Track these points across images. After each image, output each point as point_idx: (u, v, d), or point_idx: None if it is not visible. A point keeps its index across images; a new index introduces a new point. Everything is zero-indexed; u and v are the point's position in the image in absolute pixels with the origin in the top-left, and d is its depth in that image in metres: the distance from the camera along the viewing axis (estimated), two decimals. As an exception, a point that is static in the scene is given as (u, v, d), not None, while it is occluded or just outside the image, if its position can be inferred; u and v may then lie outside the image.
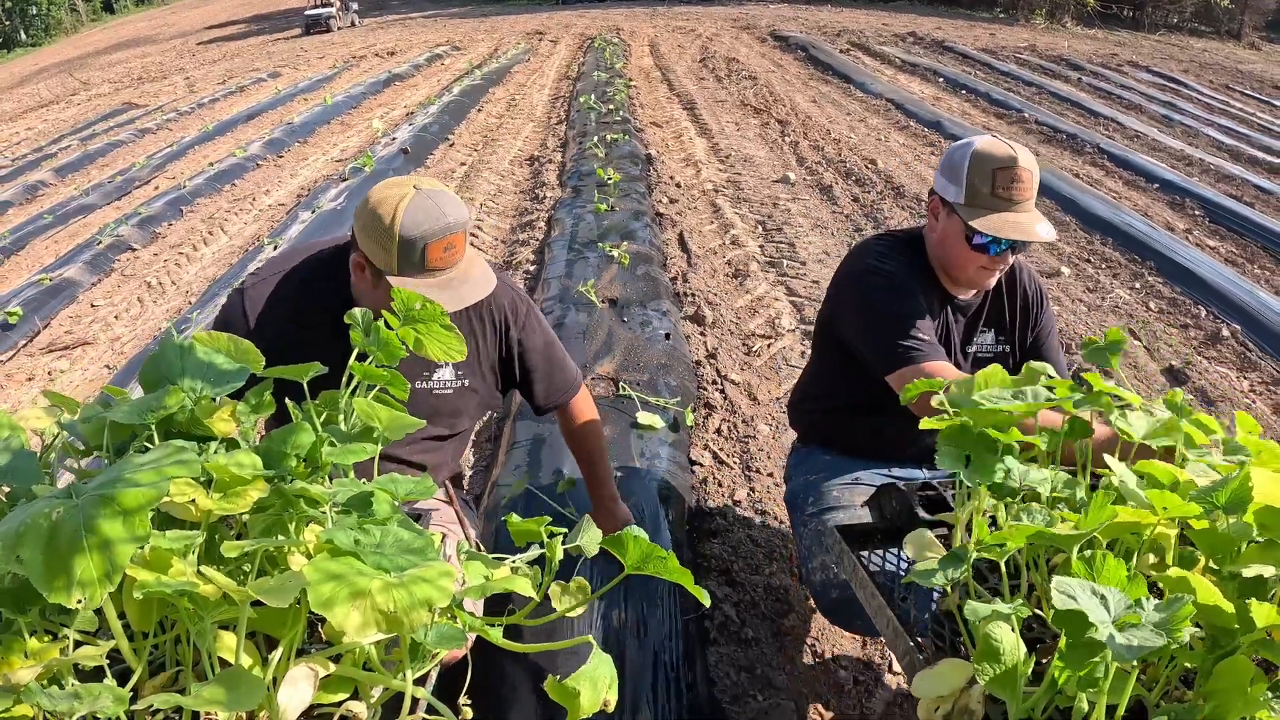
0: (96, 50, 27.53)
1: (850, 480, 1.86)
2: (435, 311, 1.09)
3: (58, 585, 0.68)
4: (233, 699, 0.72)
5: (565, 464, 2.42)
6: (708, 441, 2.90)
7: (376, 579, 0.73)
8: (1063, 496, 1.04)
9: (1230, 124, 9.56)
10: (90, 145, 10.62)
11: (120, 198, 7.98)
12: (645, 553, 0.86)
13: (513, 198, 6.57)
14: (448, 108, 9.83)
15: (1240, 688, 0.77)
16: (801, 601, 2.24)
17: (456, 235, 1.42)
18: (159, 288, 5.41)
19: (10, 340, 4.87)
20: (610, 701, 0.80)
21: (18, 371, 4.60)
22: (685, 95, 10.50)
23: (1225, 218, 6.17)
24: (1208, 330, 4.39)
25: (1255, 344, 4.25)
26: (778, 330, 3.87)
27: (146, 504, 0.72)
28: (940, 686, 0.92)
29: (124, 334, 4.87)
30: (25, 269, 6.37)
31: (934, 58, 13.32)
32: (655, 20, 19.76)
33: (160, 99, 14.29)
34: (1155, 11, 21.86)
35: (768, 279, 4.54)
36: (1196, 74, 13.19)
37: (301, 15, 23.99)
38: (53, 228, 7.25)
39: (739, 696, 1.96)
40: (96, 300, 5.40)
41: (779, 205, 5.93)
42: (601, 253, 4.40)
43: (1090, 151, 7.97)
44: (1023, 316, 1.81)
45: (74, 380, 4.46)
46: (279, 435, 0.94)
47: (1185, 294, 4.78)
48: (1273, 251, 5.55)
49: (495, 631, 0.86)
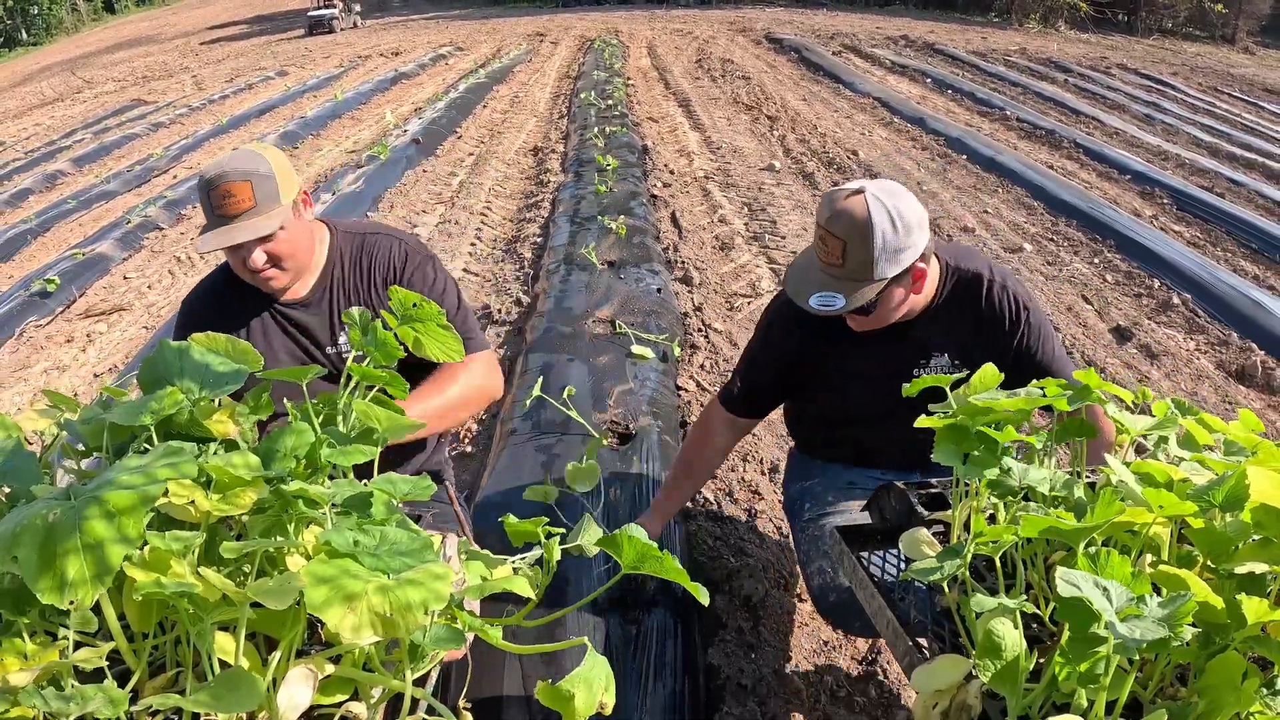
0: (98, 50, 27.97)
1: (845, 484, 1.91)
2: (431, 311, 1.11)
3: (49, 586, 0.70)
4: (232, 700, 0.73)
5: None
6: (693, 374, 3.36)
7: (373, 581, 0.74)
8: (1061, 495, 1.04)
9: (1213, 123, 9.89)
10: (105, 138, 11.05)
11: (140, 185, 8.42)
12: (641, 552, 0.86)
13: (519, 183, 7.07)
14: (454, 104, 10.34)
15: (1233, 684, 0.77)
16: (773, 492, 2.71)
17: (232, 184, 1.53)
18: (188, 262, 5.86)
19: (49, 307, 5.30)
20: (607, 704, 0.79)
21: (57, 334, 5.04)
22: (681, 94, 11.01)
23: (1193, 205, 6.53)
24: (1160, 299, 4.84)
25: (1205, 311, 4.66)
26: (758, 291, 4.37)
27: (133, 505, 0.73)
28: (938, 681, 0.92)
29: (158, 300, 5.31)
30: (53, 249, 6.80)
31: (924, 60, 13.85)
32: (654, 23, 20.34)
33: (168, 96, 14.72)
34: (1149, 16, 22.23)
35: (750, 250, 5.06)
36: (1185, 77, 13.51)
37: (304, 16, 24.56)
38: (76, 212, 7.68)
39: (714, 558, 2.42)
40: (128, 273, 5.84)
41: (764, 189, 6.47)
42: (601, 225, 4.88)
43: (1067, 146, 8.42)
44: (984, 338, 1.71)
45: (113, 340, 4.89)
46: (278, 436, 0.95)
47: (1141, 268, 5.20)
48: (1236, 235, 5.91)
49: (494, 631, 0.87)
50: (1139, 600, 0.77)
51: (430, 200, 6.55)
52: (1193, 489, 0.94)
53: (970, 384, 1.14)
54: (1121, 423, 1.12)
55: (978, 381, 1.14)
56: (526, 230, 5.46)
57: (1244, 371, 4.03)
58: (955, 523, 1.14)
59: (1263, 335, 4.25)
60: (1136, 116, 10.27)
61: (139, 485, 0.74)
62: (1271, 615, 0.77)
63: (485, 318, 4.09)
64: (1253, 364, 4.03)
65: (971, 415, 1.09)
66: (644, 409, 2.83)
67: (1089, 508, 0.90)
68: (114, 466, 0.82)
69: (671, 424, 2.87)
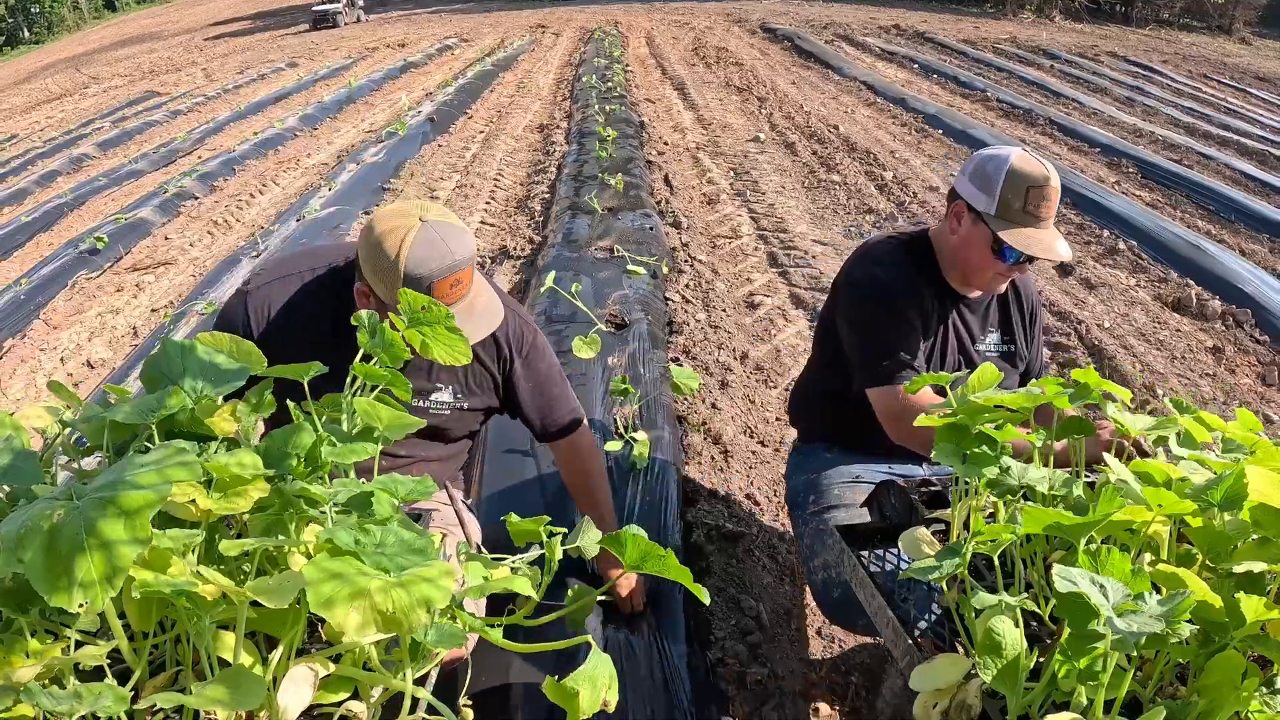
0: (101, 47, 28.51)
1: (851, 479, 1.92)
2: (441, 314, 1.11)
3: (60, 588, 0.69)
4: (233, 698, 0.74)
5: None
6: (679, 290, 4.05)
7: (375, 579, 0.75)
8: (1060, 494, 1.05)
9: (1195, 106, 10.26)
10: (125, 125, 11.65)
11: (166, 165, 9.05)
12: (644, 551, 0.88)
13: (527, 154, 7.79)
14: (463, 89, 11.07)
15: (1232, 682, 0.79)
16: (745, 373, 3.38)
17: (463, 271, 1.42)
18: (225, 225, 6.54)
19: (97, 263, 5.92)
20: (610, 702, 0.81)
21: (108, 285, 5.67)
22: (676, 78, 11.72)
23: (1158, 174, 7.05)
24: (1107, 245, 5.46)
25: (1149, 256, 5.24)
26: (738, 233, 5.10)
27: (148, 506, 0.73)
28: (938, 680, 0.94)
29: (201, 256, 5.99)
30: (89, 220, 7.39)
31: (913, 47, 14.52)
32: (652, 14, 21.06)
33: (181, 87, 15.32)
34: (1145, 7, 22.24)
35: (733, 204, 5.82)
36: (1176, 65, 13.80)
37: (305, 12, 25.24)
38: (108, 189, 8.30)
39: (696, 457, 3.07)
40: (169, 235, 6.52)
41: (749, 157, 7.25)
42: (602, 181, 5.58)
43: (1042, 124, 9.00)
44: (1028, 318, 1.91)
45: (162, 288, 5.53)
46: (280, 435, 0.96)
47: (1094, 221, 5.78)
48: (1196, 200, 6.45)
49: (495, 632, 0.88)
50: (1138, 598, 0.79)
51: (446, 170, 7.27)
52: (1191, 488, 0.95)
53: (969, 383, 1.16)
54: (1121, 422, 1.13)
55: (975, 381, 1.16)
56: (535, 190, 6.17)
57: (1180, 302, 4.65)
58: (955, 521, 1.15)
59: (1200, 274, 4.84)
60: (1117, 99, 10.67)
61: (154, 485, 0.75)
62: (1270, 614, 0.78)
63: (503, 254, 4.81)
64: (1188, 296, 4.66)
65: (971, 414, 1.10)
66: (636, 309, 3.50)
67: (1089, 506, 0.92)
68: (119, 466, 0.82)
69: (660, 321, 3.54)
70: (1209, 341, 4.18)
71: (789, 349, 3.73)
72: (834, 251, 5.05)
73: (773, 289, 4.37)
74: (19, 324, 4.90)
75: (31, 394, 4.08)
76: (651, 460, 2.43)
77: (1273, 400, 3.63)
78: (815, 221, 5.62)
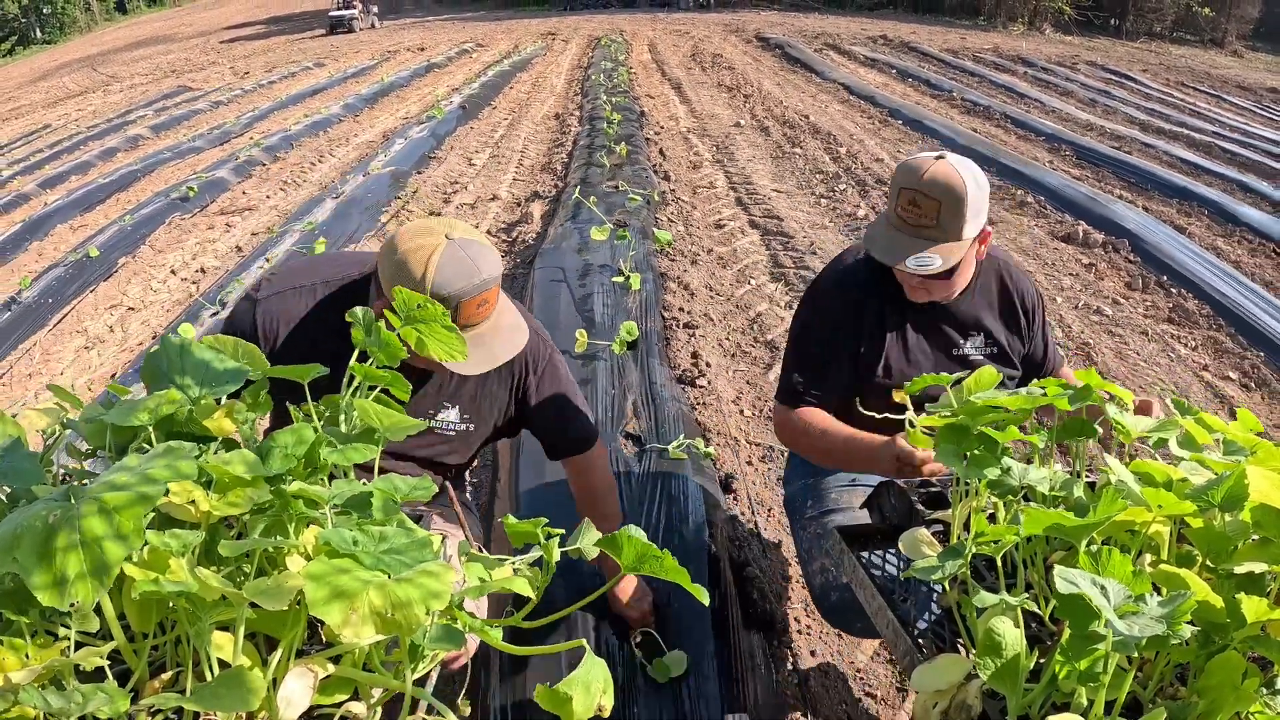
0: (115, 48, 29.94)
1: (848, 481, 1.96)
2: (436, 312, 1.14)
3: (47, 585, 0.73)
4: (233, 700, 0.77)
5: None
6: (666, 215, 5.71)
7: (373, 579, 0.78)
8: (1061, 495, 1.09)
9: (1158, 108, 11.29)
10: (170, 113, 13.00)
11: (222, 144, 10.62)
12: (641, 552, 0.92)
13: (547, 135, 9.65)
14: (485, 85, 13.02)
15: (1233, 683, 0.81)
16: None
17: (490, 291, 1.44)
18: (294, 183, 8.19)
19: (188, 208, 7.41)
20: (605, 707, 0.83)
21: (200, 223, 7.14)
22: (674, 79, 13.60)
23: (1093, 156, 8.31)
24: (1018, 199, 6.94)
25: (1053, 207, 6.64)
26: (714, 185, 6.96)
27: (128, 504, 0.77)
28: (938, 681, 0.97)
29: (280, 204, 7.61)
30: (160, 184, 8.73)
31: (896, 55, 16.28)
32: (655, 25, 23.09)
33: (210, 84, 16.79)
34: (1137, 20, 23.23)
35: (713, 168, 7.72)
36: (1154, 74, 14.83)
37: (318, 18, 27.12)
38: (172, 160, 9.77)
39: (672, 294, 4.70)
40: (246, 190, 8.13)
41: (730, 138, 9.16)
42: (609, 148, 7.36)
43: (998, 118, 10.41)
44: (1017, 319, 1.87)
45: (250, 226, 7.02)
46: (279, 436, 0.99)
47: (1015, 184, 7.13)
48: (1123, 176, 7.66)
49: (495, 633, 0.91)
50: (1138, 599, 0.81)
51: (480, 144, 9.13)
52: (1192, 489, 0.98)
53: (966, 384, 1.20)
54: (1121, 424, 1.16)
55: (974, 382, 1.19)
56: (555, 158, 7.95)
57: (1069, 236, 6.05)
58: (955, 522, 1.19)
59: (1091, 217, 6.19)
60: (1081, 100, 11.95)
61: (133, 486, 0.79)
62: (1271, 615, 0.81)
63: (534, 195, 6.51)
64: (1076, 232, 6.13)
65: (972, 415, 1.14)
66: (634, 218, 5.15)
67: (1090, 507, 0.94)
68: (113, 468, 0.86)
69: (649, 228, 5.19)
70: (1085, 260, 5.69)
71: (744, 250, 5.45)
72: (786, 196, 6.78)
73: (736, 217, 6.19)
74: (129, 248, 6.29)
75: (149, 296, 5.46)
76: (642, 283, 4.06)
77: (1132, 298, 4.97)
78: (775, 179, 7.45)
